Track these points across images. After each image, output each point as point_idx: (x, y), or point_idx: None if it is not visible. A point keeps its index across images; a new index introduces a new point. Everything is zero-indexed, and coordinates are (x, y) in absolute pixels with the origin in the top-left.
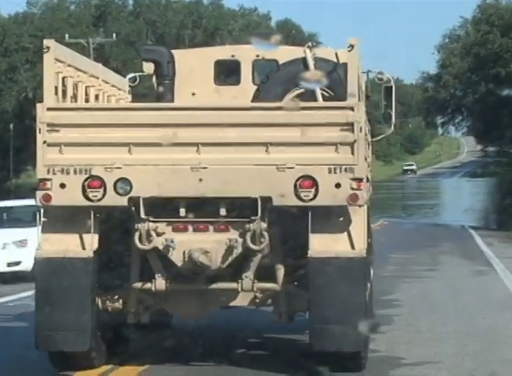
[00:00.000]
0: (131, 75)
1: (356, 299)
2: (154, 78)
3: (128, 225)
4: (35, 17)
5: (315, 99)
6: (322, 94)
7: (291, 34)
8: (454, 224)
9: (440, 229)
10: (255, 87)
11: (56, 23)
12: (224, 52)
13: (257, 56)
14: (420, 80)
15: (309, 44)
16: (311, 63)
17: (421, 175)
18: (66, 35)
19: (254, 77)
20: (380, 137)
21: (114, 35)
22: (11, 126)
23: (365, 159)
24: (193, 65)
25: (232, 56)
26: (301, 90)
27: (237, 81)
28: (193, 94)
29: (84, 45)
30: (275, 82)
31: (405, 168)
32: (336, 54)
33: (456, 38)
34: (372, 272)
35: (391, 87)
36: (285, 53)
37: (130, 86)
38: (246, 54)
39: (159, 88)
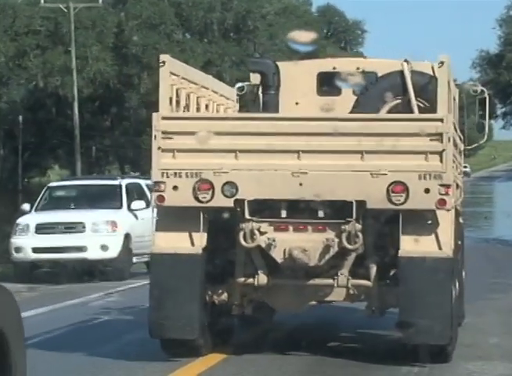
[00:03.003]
0: (238, 85)
1: (443, 296)
2: (260, 89)
3: (232, 224)
4: None
5: (412, 110)
6: (418, 105)
7: (334, 20)
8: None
9: (501, 247)
10: (355, 98)
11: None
12: (326, 64)
13: (358, 68)
14: (478, 60)
15: (406, 58)
16: (408, 75)
17: (475, 178)
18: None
19: (353, 89)
20: (474, 146)
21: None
22: (20, 118)
23: (456, 167)
24: (297, 76)
25: (334, 68)
26: (398, 101)
27: (338, 92)
28: (297, 104)
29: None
30: (373, 93)
31: None
32: (432, 67)
33: None
34: (464, 273)
35: (485, 98)
36: (383, 66)
37: (238, 95)
38: (347, 66)
39: (264, 98)
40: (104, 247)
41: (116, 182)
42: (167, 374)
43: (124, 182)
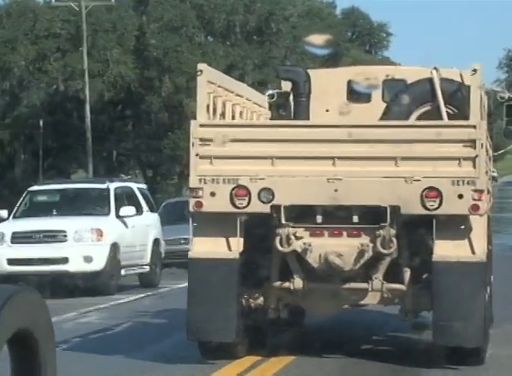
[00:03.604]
0: (269, 92)
1: (476, 299)
2: (291, 96)
3: (268, 230)
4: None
5: (441, 117)
6: (447, 112)
7: (358, 23)
8: None
9: None
10: (385, 104)
11: (92, 7)
12: (356, 72)
13: (387, 75)
14: (505, 60)
15: (435, 66)
16: (437, 82)
17: (502, 183)
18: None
19: (383, 96)
20: (501, 151)
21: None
22: (40, 122)
23: (486, 172)
24: (327, 84)
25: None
26: (428, 108)
27: (368, 99)
28: (327, 111)
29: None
30: (403, 100)
31: None
32: (460, 75)
33: None
34: (492, 277)
35: None
36: (413, 73)
37: (268, 102)
38: (377, 74)
39: (296, 105)
40: (88, 259)
41: (103, 186)
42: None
43: (113, 185)
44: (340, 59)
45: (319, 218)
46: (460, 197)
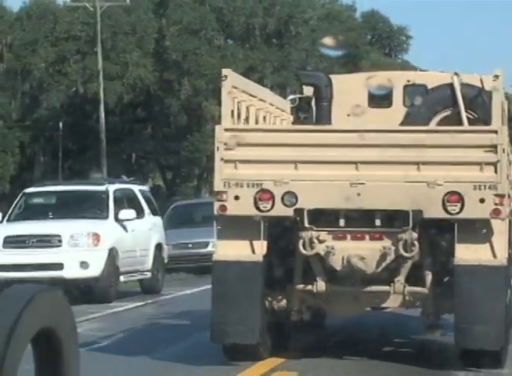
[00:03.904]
0: (291, 97)
1: (497, 303)
2: (313, 101)
3: (291, 233)
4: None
5: (461, 122)
6: (468, 117)
7: (378, 26)
8: None
9: None
10: (405, 109)
11: (111, 10)
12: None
13: (408, 81)
14: None
15: (456, 71)
16: (457, 88)
17: None
18: None
19: (404, 101)
20: None
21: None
22: (60, 124)
23: (507, 177)
24: (349, 89)
25: None
26: (448, 113)
27: (389, 104)
28: (348, 115)
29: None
30: (424, 105)
31: None
32: (481, 80)
33: None
34: None
35: None
36: (433, 79)
37: (290, 107)
38: (397, 79)
39: (317, 109)
40: (84, 265)
41: (102, 188)
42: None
43: (112, 187)
44: (359, 61)
45: (342, 222)
46: (482, 201)
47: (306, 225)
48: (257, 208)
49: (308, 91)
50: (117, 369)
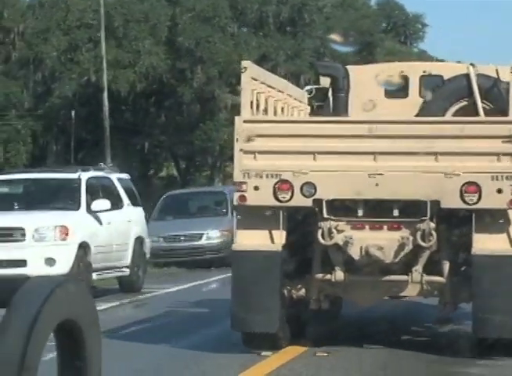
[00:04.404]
0: (307, 87)
1: None
2: (330, 91)
3: (310, 223)
4: None
5: (477, 112)
6: (484, 107)
7: (393, 14)
8: None
9: None
10: (421, 100)
11: None
12: (394, 68)
13: (424, 71)
14: None
15: (472, 62)
16: (473, 78)
17: None
18: None
19: (420, 91)
20: None
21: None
22: (72, 113)
23: None
24: (366, 80)
25: (401, 71)
26: (464, 103)
27: (405, 95)
28: None
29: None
30: (440, 96)
31: None
32: (496, 70)
33: None
34: None
35: None
36: (449, 69)
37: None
38: (414, 70)
39: (334, 100)
40: (50, 261)
41: (74, 176)
42: (250, 365)
43: (86, 175)
44: (374, 49)
45: (360, 212)
46: (499, 191)
47: (325, 215)
48: (277, 199)
49: (325, 82)
50: None
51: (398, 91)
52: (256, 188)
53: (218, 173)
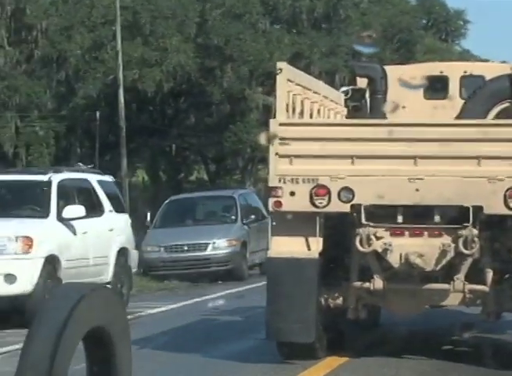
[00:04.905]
0: (343, 88)
1: None
2: (367, 93)
3: (347, 229)
4: None
5: None
6: None
7: (434, 10)
8: None
9: None
10: (462, 101)
11: None
12: (433, 68)
13: (465, 72)
14: None
15: None
16: None
17: None
18: None
19: (461, 92)
20: None
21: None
22: (97, 114)
23: None
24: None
25: (441, 72)
26: (507, 105)
27: (445, 96)
28: (403, 107)
29: None
30: (481, 97)
31: None
32: None
33: None
34: None
35: None
36: (491, 70)
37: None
38: (454, 70)
39: (372, 102)
40: (10, 278)
41: (43, 178)
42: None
43: (58, 177)
44: (413, 46)
45: (400, 218)
46: None
47: (363, 221)
48: (313, 204)
49: (362, 82)
50: None
51: (438, 92)
52: (292, 193)
53: (249, 176)
